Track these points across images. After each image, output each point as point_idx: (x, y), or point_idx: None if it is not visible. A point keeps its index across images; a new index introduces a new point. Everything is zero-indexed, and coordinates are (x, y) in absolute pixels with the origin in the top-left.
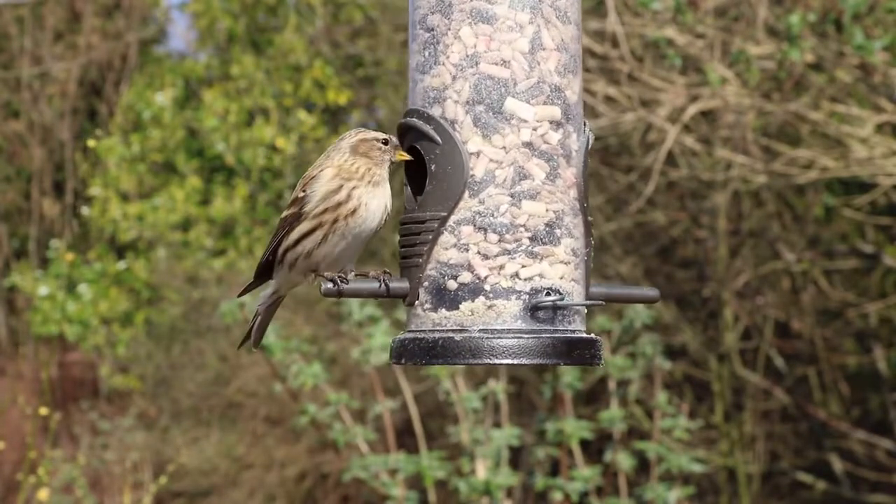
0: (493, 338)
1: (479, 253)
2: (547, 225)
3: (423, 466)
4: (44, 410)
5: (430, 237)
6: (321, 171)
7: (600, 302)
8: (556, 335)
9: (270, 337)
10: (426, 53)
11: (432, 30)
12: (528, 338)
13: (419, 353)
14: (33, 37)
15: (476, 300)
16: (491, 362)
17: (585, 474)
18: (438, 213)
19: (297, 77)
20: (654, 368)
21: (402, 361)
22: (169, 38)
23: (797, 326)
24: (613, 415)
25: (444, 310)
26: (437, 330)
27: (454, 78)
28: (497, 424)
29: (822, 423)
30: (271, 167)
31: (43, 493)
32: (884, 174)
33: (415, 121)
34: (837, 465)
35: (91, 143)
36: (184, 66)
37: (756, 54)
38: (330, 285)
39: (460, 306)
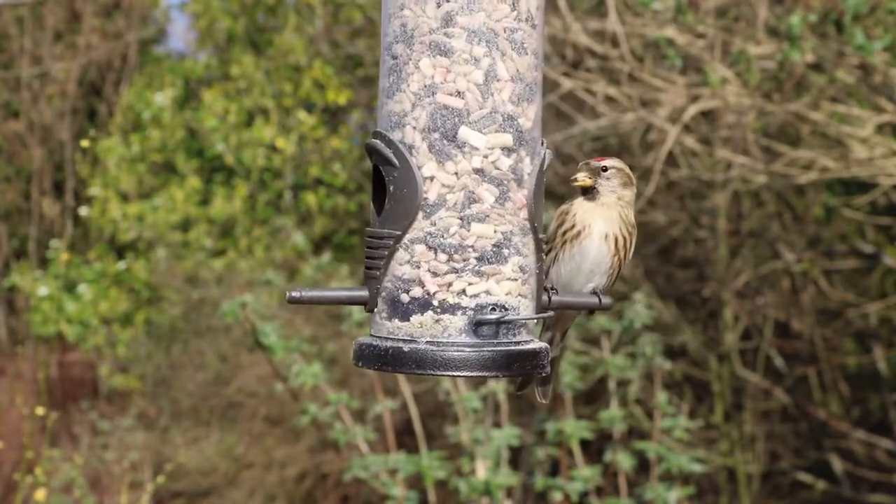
0: (438, 350)
1: (429, 270)
2: (494, 245)
3: (423, 466)
4: (40, 410)
5: (387, 253)
6: None
7: (548, 314)
8: (498, 348)
9: (271, 337)
10: (391, 79)
11: (396, 58)
12: (469, 351)
13: (373, 358)
14: (33, 37)
15: (425, 314)
16: (434, 373)
17: (585, 474)
18: (395, 231)
19: (296, 77)
20: (654, 368)
21: (359, 364)
22: (169, 38)
23: (797, 326)
24: (613, 415)
25: (397, 320)
26: (390, 338)
27: (413, 105)
28: (497, 424)
29: (822, 423)
30: (271, 167)
31: (40, 494)
32: (884, 175)
33: (378, 143)
34: (837, 465)
35: (84, 143)
36: (183, 66)
37: (756, 54)
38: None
39: (411, 318)
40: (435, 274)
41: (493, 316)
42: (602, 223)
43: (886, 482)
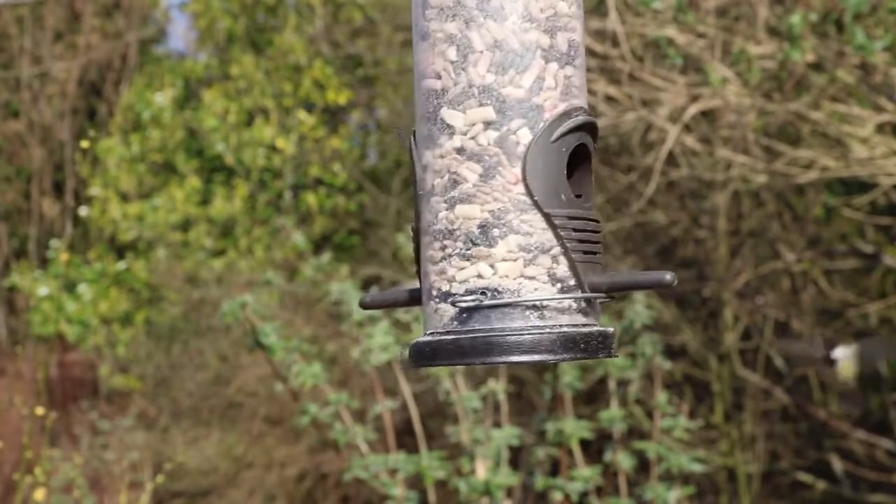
0: (434, 340)
1: (429, 260)
2: (480, 226)
3: (423, 466)
4: (40, 410)
5: (415, 246)
6: None
7: (587, 294)
8: (484, 335)
9: (271, 337)
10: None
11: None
12: (451, 339)
13: (418, 357)
14: (33, 37)
15: (429, 305)
16: (435, 364)
17: (585, 474)
18: (416, 224)
19: (296, 77)
20: (654, 368)
21: (416, 363)
22: (169, 38)
23: (797, 326)
24: (613, 415)
25: (430, 313)
26: (428, 335)
27: (417, 99)
28: (497, 424)
29: (822, 423)
30: (271, 167)
31: (40, 494)
32: (884, 174)
33: (403, 137)
34: (837, 465)
35: (84, 143)
36: (183, 66)
37: (757, 54)
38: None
39: (426, 310)
40: (433, 262)
41: (468, 298)
42: None
43: (886, 482)
